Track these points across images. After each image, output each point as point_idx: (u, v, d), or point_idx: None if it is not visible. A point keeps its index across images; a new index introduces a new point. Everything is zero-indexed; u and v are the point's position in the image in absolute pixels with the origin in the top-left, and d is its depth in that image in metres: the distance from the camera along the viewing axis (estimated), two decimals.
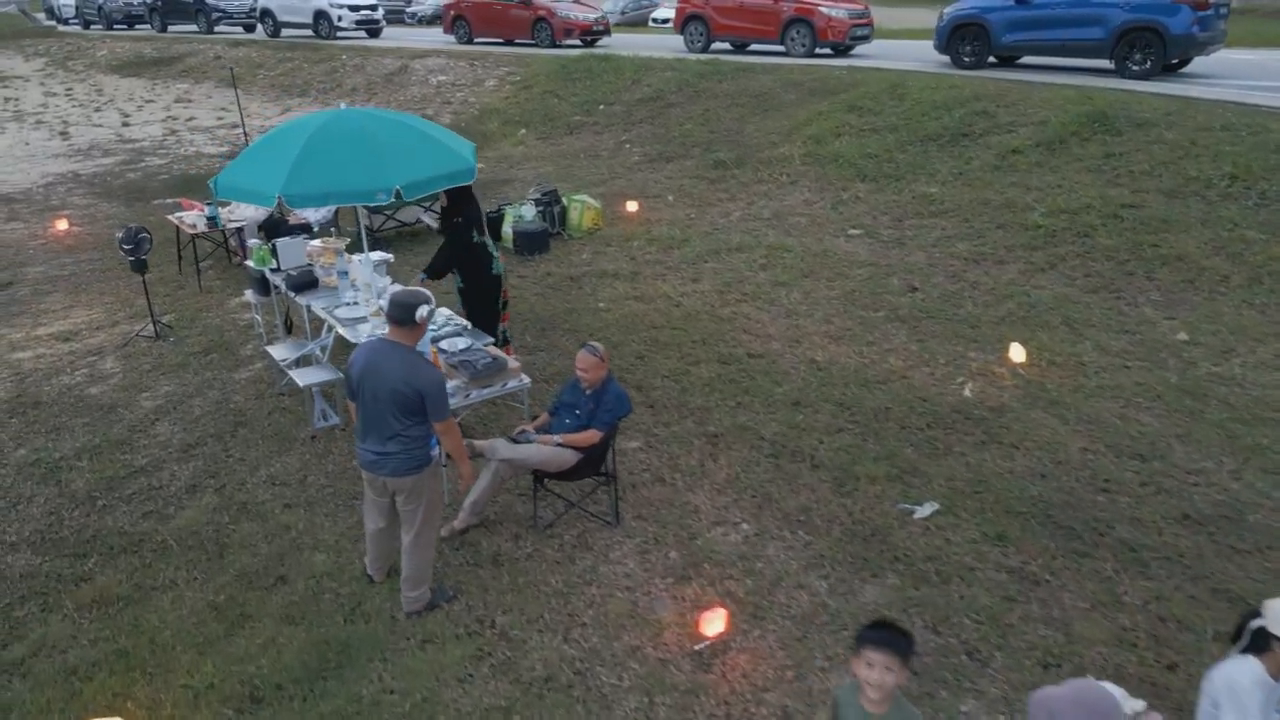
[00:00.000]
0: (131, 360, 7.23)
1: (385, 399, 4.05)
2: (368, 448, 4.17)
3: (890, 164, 10.94)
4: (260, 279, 7.27)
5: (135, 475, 5.59)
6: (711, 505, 5.14)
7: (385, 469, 4.15)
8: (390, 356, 4.11)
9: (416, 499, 4.26)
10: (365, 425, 4.15)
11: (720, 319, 7.62)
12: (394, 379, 4.04)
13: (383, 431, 4.11)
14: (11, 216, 11.49)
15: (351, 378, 4.14)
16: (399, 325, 4.17)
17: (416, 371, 4.10)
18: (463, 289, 6.63)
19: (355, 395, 4.16)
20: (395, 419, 4.08)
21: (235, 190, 5.54)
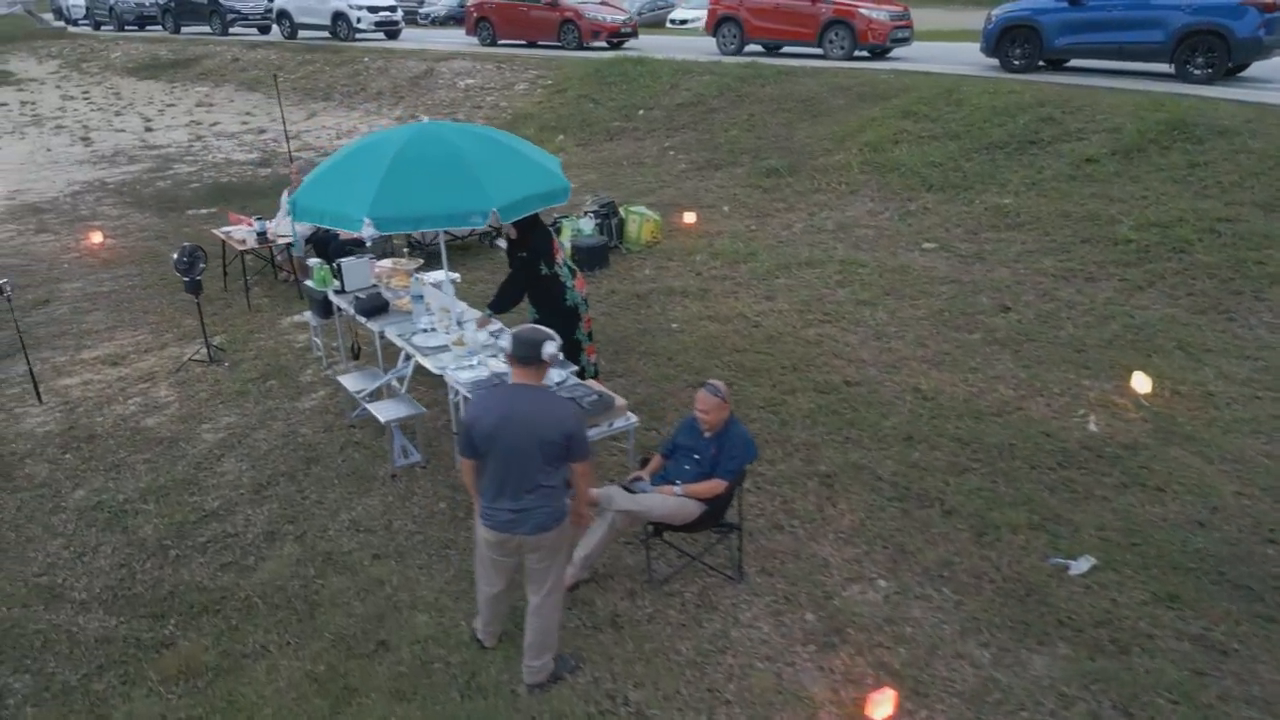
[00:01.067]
0: (187, 387, 6.81)
1: (529, 449, 3.65)
2: (502, 506, 3.74)
3: (957, 173, 10.51)
4: (322, 301, 6.86)
5: (207, 520, 5.17)
6: (840, 558, 4.72)
7: (525, 526, 3.73)
8: (530, 401, 3.71)
9: (552, 556, 3.86)
10: (500, 482, 3.72)
11: (806, 341, 7.19)
12: (540, 425, 3.65)
13: (522, 485, 3.69)
14: (41, 228, 11.09)
15: (480, 432, 3.69)
16: (526, 365, 3.77)
17: (562, 412, 3.72)
18: (537, 321, 6.19)
19: (481, 450, 3.73)
20: (539, 470, 3.68)
21: (317, 213, 5.13)
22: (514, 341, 3.81)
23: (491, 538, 3.83)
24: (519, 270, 5.84)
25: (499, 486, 3.74)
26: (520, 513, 3.73)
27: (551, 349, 3.80)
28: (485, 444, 3.71)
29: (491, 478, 3.75)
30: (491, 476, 3.74)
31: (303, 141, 15.82)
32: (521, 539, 3.78)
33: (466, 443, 3.78)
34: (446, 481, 5.50)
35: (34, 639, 4.28)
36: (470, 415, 3.77)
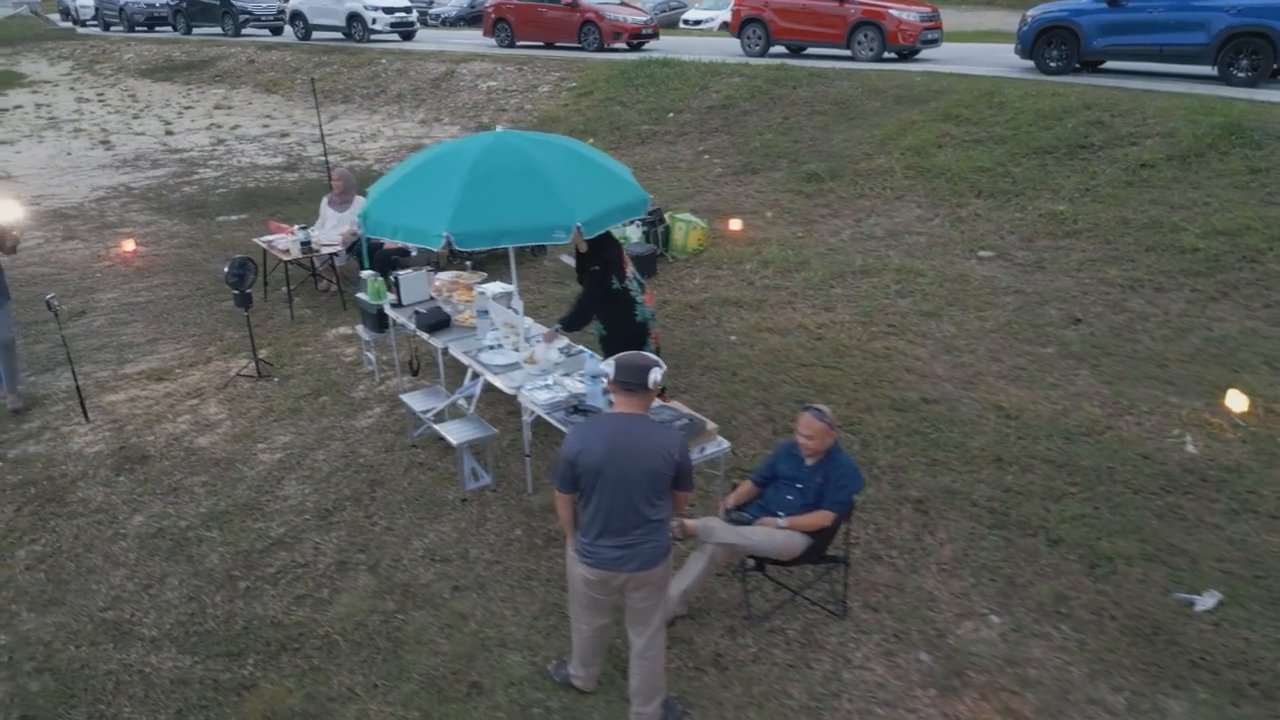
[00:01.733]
0: (237, 404, 6.58)
1: (639, 482, 3.44)
2: (607, 544, 3.51)
3: (1006, 178, 10.27)
4: (376, 314, 6.63)
5: (274, 549, 4.94)
6: (947, 591, 4.49)
7: (633, 563, 3.51)
8: (636, 431, 3.49)
9: (659, 593, 3.65)
10: (605, 518, 3.49)
11: (874, 355, 6.96)
12: (649, 456, 3.44)
13: (629, 520, 3.48)
14: (69, 235, 10.86)
15: (585, 465, 3.46)
16: (631, 393, 3.55)
17: (669, 442, 3.52)
18: (604, 337, 5.96)
19: (584, 484, 3.51)
20: (647, 503, 3.47)
21: (390, 227, 4.90)
22: (618, 368, 3.59)
23: (594, 576, 3.60)
24: (593, 286, 5.61)
25: (604, 522, 3.51)
26: (626, 549, 3.51)
27: (657, 375, 3.58)
28: (590, 478, 3.49)
29: (595, 513, 3.52)
30: (595, 512, 3.52)
31: (327, 145, 15.57)
32: (627, 576, 3.55)
33: (567, 476, 3.55)
34: (519, 506, 5.28)
35: (105, 680, 4.06)
36: (572, 447, 3.54)
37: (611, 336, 5.91)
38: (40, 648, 4.25)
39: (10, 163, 15.07)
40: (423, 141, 15.56)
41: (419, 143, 15.47)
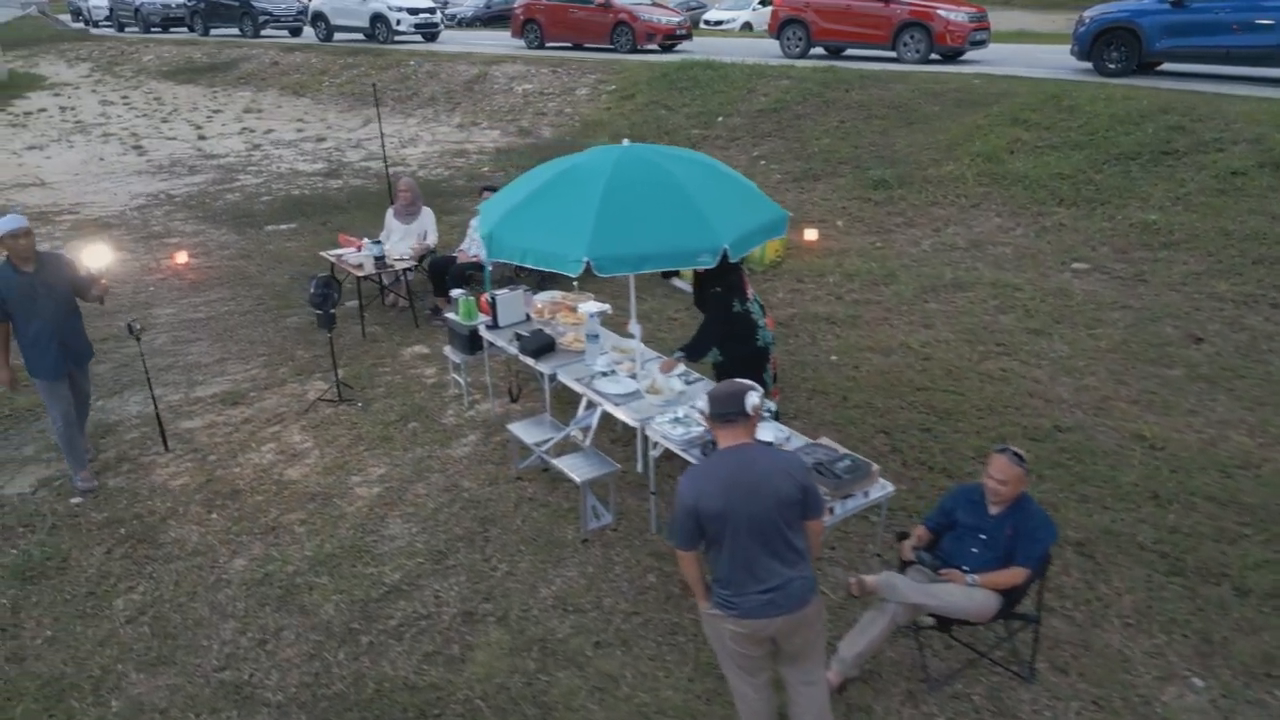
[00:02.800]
0: (322, 431, 6.22)
1: (770, 515, 3.13)
2: (754, 591, 3.17)
3: (1089, 186, 9.89)
4: (468, 336, 6.27)
5: (392, 597, 4.58)
6: (1138, 650, 4.11)
7: (785, 604, 3.17)
8: (751, 462, 3.19)
9: (815, 631, 3.32)
10: (747, 564, 3.16)
11: (990, 377, 6.59)
12: (773, 484, 3.13)
13: (771, 559, 3.16)
14: (116, 246, 10.46)
15: (708, 514, 3.13)
16: (730, 424, 3.24)
17: (788, 465, 3.23)
18: (721, 364, 5.59)
19: (711, 535, 3.17)
20: (786, 535, 3.16)
21: (520, 250, 4.53)
22: (711, 401, 3.28)
23: (744, 629, 3.23)
24: (716, 310, 5.24)
25: (744, 568, 3.17)
26: (775, 591, 3.17)
27: (754, 400, 3.24)
28: (716, 525, 3.15)
29: (733, 562, 3.17)
30: (733, 560, 3.17)
31: (365, 150, 15.25)
32: (781, 621, 3.19)
33: (690, 531, 3.20)
34: (645, 548, 4.91)
35: None
36: (688, 497, 3.18)
37: (729, 362, 5.54)
38: (157, 716, 3.89)
39: (42, 168, 14.74)
40: (464, 146, 15.21)
41: (460, 148, 15.12)
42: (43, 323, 5.21)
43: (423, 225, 8.34)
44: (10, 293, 5.10)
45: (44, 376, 5.31)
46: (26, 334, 5.21)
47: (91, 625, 4.41)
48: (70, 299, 5.38)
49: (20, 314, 5.16)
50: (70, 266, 5.38)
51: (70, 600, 4.58)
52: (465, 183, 12.77)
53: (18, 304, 5.13)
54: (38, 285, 5.17)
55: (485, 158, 14.36)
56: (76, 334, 5.47)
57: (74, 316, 5.42)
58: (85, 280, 5.40)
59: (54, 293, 5.24)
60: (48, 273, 5.23)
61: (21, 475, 5.77)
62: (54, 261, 5.33)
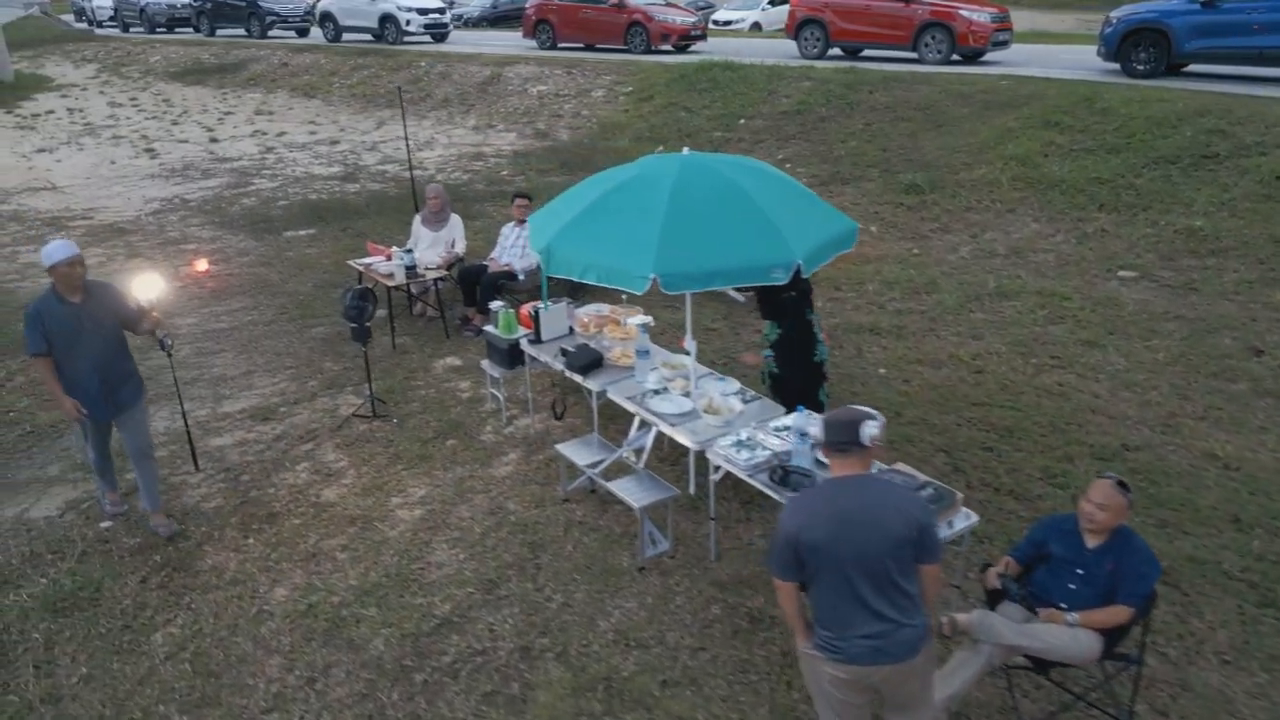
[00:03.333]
0: (357, 449, 6.00)
1: (881, 554, 2.91)
2: (858, 635, 2.95)
3: (1129, 191, 9.66)
4: (508, 350, 6.04)
5: (443, 631, 4.35)
6: (1240, 690, 3.88)
7: (894, 653, 2.96)
8: (864, 494, 2.98)
9: (923, 681, 3.12)
10: (851, 603, 2.95)
11: (1047, 392, 6.36)
12: (887, 521, 2.91)
13: (881, 601, 2.94)
14: (131, 252, 10.28)
15: (810, 545, 2.93)
16: (844, 454, 3.02)
17: (906, 502, 3.01)
18: (777, 377, 5.39)
19: (811, 568, 2.97)
20: (898, 578, 2.94)
21: (581, 266, 4.31)
22: (827, 428, 3.04)
23: (845, 675, 3.01)
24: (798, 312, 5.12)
25: (850, 609, 2.95)
26: (882, 637, 2.95)
27: (873, 429, 3.00)
28: (818, 559, 2.94)
29: (835, 601, 2.97)
30: (835, 599, 2.97)
31: (381, 153, 15.02)
32: (889, 670, 2.98)
33: (788, 561, 3.00)
34: (705, 577, 4.68)
35: None
36: (791, 525, 2.98)
37: (786, 376, 5.35)
38: None
39: (53, 172, 14.53)
40: (481, 149, 14.99)
41: (478, 150, 14.90)
42: (87, 360, 4.67)
43: (451, 233, 8.11)
44: (55, 325, 4.57)
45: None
46: (68, 371, 4.68)
47: (129, 662, 4.18)
48: (119, 333, 4.84)
49: (63, 349, 4.63)
50: (120, 297, 4.84)
51: (106, 634, 4.35)
52: (485, 186, 12.55)
53: (61, 338, 4.60)
54: (84, 318, 4.63)
55: (503, 161, 14.13)
56: (125, 374, 4.89)
57: (122, 353, 4.87)
58: (135, 313, 4.87)
59: (101, 326, 4.70)
60: (95, 304, 4.68)
61: (47, 497, 5.55)
62: (102, 291, 4.77)
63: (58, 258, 4.52)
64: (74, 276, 4.58)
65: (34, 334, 4.60)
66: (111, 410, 4.86)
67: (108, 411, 4.85)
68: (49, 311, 4.60)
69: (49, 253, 4.54)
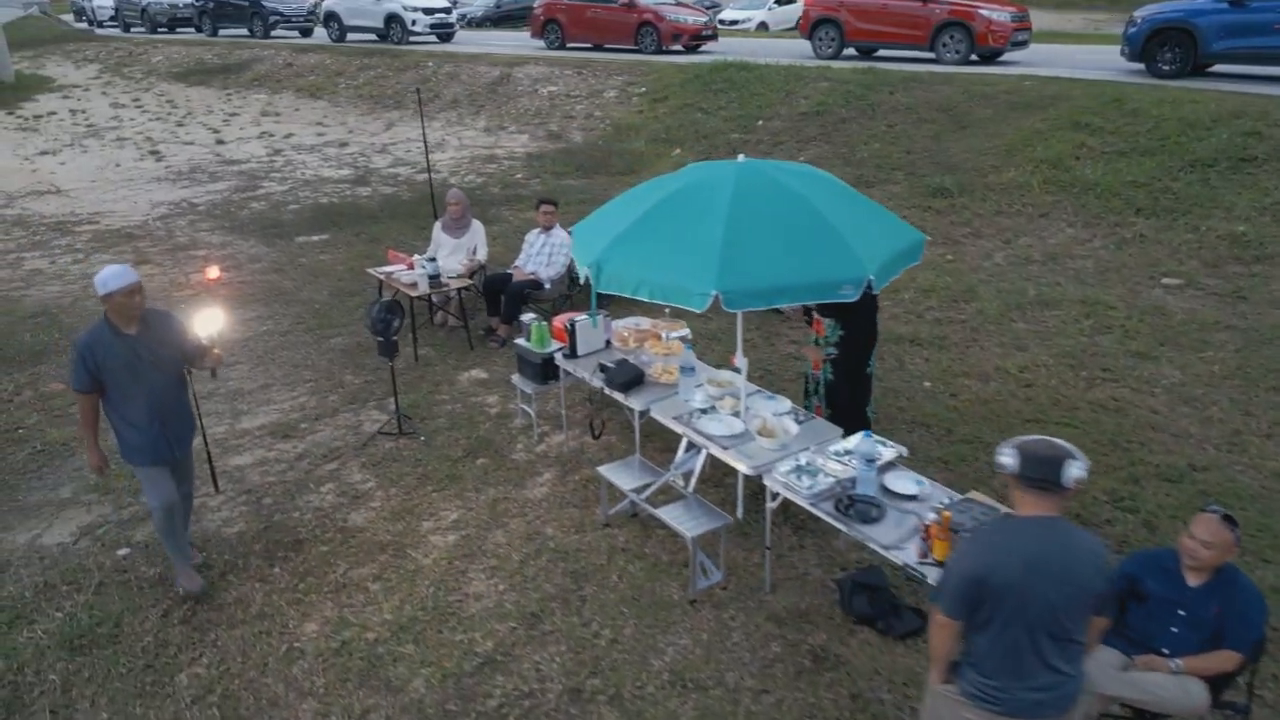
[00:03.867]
0: (384, 469, 5.72)
1: (1068, 605, 2.68)
2: (1024, 687, 2.74)
3: (1167, 195, 9.40)
4: (541, 364, 5.77)
5: (486, 670, 4.08)
6: None
7: (1056, 706, 2.77)
8: (1062, 542, 2.71)
9: None
10: (1023, 655, 2.72)
11: (1102, 407, 6.09)
12: (1081, 573, 2.68)
13: (1055, 653, 2.72)
14: (140, 257, 10.00)
15: (997, 588, 2.68)
16: (1041, 492, 2.74)
17: (1100, 553, 2.75)
18: (830, 383, 5.17)
19: (987, 611, 2.72)
20: (1076, 631, 2.74)
21: (634, 282, 4.04)
22: (1024, 459, 2.76)
23: None
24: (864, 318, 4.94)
25: (1024, 659, 2.72)
26: (1049, 690, 2.75)
27: (1077, 471, 2.73)
28: (1002, 605, 2.70)
29: (1010, 649, 2.72)
30: (1010, 647, 2.72)
31: (392, 156, 14.74)
32: None
33: (967, 600, 2.75)
34: (761, 610, 4.41)
35: None
36: (979, 565, 2.73)
37: (839, 385, 5.13)
38: None
39: (57, 175, 14.25)
40: (493, 152, 14.71)
41: (490, 153, 14.62)
42: (144, 397, 4.23)
43: (473, 240, 7.84)
44: (108, 360, 4.11)
45: (141, 462, 4.33)
46: (123, 410, 4.23)
47: (153, 706, 3.91)
48: (178, 368, 4.42)
49: (116, 386, 4.18)
50: (180, 328, 4.39)
51: (127, 675, 4.08)
52: (500, 190, 12.28)
53: (115, 374, 4.15)
54: (141, 351, 4.18)
55: (517, 163, 13.85)
56: (182, 411, 4.48)
57: (180, 389, 4.45)
58: (196, 348, 4.44)
59: (160, 361, 4.26)
60: (153, 336, 4.23)
61: (60, 521, 5.27)
62: (161, 322, 4.31)
63: (114, 286, 4.04)
64: (131, 306, 4.10)
65: (81, 369, 4.12)
66: (174, 452, 4.42)
67: (170, 453, 4.39)
68: (101, 344, 4.12)
69: (104, 280, 4.05)
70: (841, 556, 4.75)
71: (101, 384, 4.17)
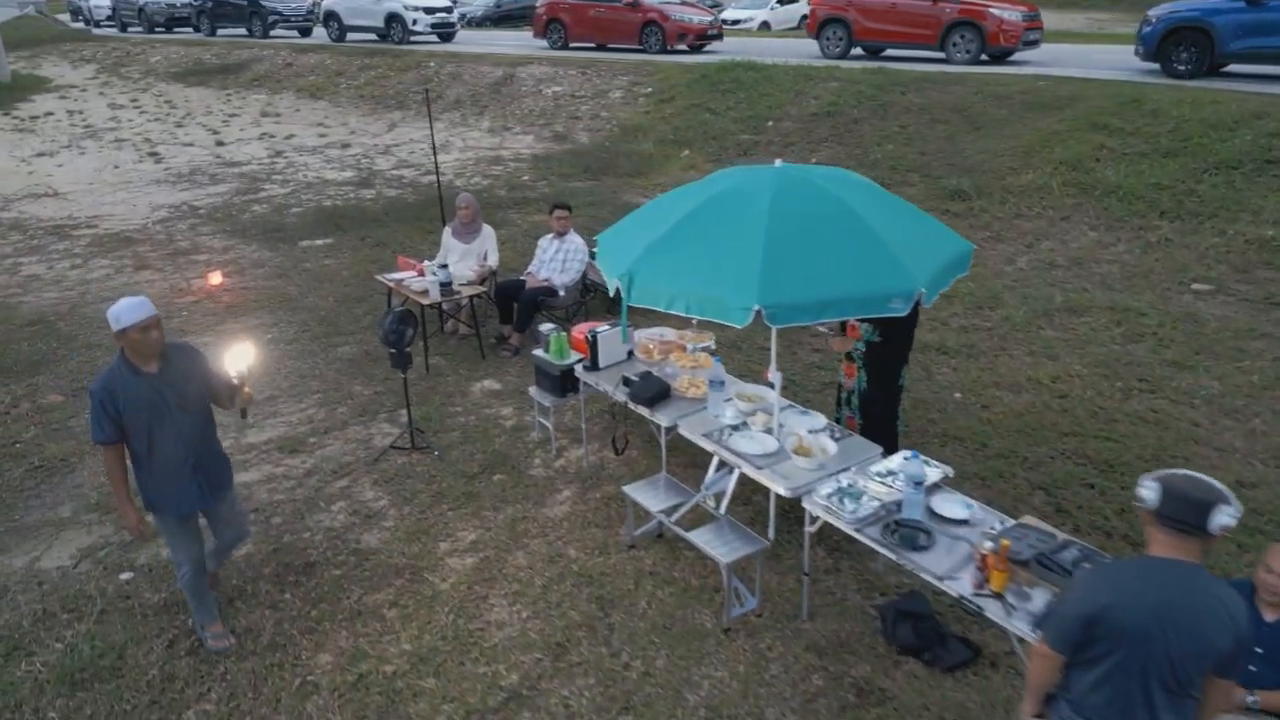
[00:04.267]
0: (396, 486, 5.50)
1: (1191, 662, 2.45)
2: None
3: (1191, 198, 9.19)
4: (560, 377, 5.55)
5: (513, 706, 3.85)
6: None
7: None
8: (1201, 595, 2.46)
9: None
10: (1135, 706, 2.51)
11: (1141, 420, 5.87)
12: (1213, 632, 2.43)
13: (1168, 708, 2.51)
14: (140, 263, 9.75)
15: (1113, 627, 2.47)
16: (1183, 535, 2.49)
17: (1232, 606, 2.48)
18: (865, 392, 4.98)
19: (1097, 649, 2.51)
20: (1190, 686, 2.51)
21: (667, 295, 3.83)
22: (1165, 495, 2.50)
23: None
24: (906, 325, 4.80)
25: (1132, 708, 2.51)
26: None
27: (1226, 519, 2.46)
28: (1118, 647, 2.49)
29: (1119, 695, 2.52)
30: (1119, 693, 2.52)
31: (396, 157, 14.50)
32: None
33: (1077, 637, 2.54)
34: (798, 639, 4.19)
35: None
36: (1095, 602, 2.51)
37: (873, 393, 4.95)
38: None
39: (54, 176, 13.99)
40: (499, 153, 14.48)
41: (495, 154, 14.39)
42: (172, 441, 3.81)
43: (484, 245, 7.61)
44: (130, 404, 3.69)
45: (171, 513, 3.92)
46: (147, 456, 3.81)
47: None
48: (206, 405, 3.99)
49: (144, 432, 3.74)
50: (203, 361, 3.98)
51: (131, 712, 3.84)
52: (507, 193, 12.04)
53: (140, 419, 3.71)
54: (165, 390, 3.75)
55: (523, 165, 13.62)
56: (214, 452, 4.08)
57: (210, 428, 4.03)
58: (224, 385, 4.00)
59: (185, 399, 3.82)
60: (176, 372, 3.80)
61: (60, 543, 5.04)
62: (184, 357, 3.89)
63: (128, 320, 3.62)
64: (150, 343, 3.68)
65: (101, 418, 3.69)
66: (211, 498, 4.03)
67: (206, 500, 4.01)
68: (122, 387, 3.69)
69: (117, 314, 3.65)
70: (879, 580, 4.53)
71: (125, 431, 3.74)
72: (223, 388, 4.00)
